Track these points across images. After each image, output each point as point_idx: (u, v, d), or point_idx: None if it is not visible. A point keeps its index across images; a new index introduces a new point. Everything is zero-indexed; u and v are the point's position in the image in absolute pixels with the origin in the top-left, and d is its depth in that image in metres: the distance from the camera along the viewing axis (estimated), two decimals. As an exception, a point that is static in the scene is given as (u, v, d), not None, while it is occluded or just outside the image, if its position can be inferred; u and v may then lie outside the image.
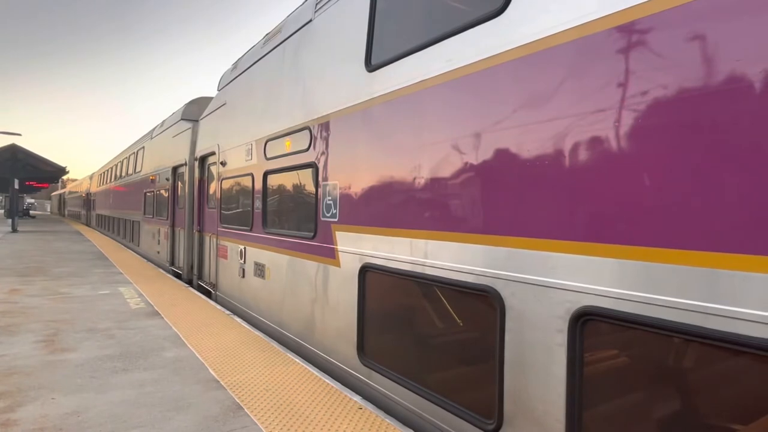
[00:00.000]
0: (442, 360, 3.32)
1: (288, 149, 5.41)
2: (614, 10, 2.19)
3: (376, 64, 3.94)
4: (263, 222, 6.05)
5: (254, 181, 6.31)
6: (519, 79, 2.66)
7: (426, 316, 3.51)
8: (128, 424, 3.34)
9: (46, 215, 58.25)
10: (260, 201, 6.13)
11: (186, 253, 9.71)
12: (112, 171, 21.09)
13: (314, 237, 4.77)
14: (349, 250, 4.22)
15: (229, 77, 7.71)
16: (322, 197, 4.63)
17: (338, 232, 4.38)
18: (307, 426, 3.35)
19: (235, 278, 7.09)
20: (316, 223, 4.73)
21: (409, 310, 3.68)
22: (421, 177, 3.36)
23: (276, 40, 6.02)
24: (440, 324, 3.37)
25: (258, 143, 6.22)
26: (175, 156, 10.63)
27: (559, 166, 2.42)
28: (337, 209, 4.39)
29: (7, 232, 22.84)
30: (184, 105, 10.89)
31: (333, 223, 4.45)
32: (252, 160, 6.42)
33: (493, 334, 2.76)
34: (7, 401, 3.64)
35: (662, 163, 2.01)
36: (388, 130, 3.75)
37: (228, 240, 7.42)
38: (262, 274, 6.13)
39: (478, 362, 3.01)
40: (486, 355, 2.86)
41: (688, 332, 1.90)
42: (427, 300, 3.46)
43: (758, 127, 1.74)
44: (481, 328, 2.99)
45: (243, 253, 6.73)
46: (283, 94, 5.66)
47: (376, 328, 3.97)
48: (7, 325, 5.87)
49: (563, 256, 2.38)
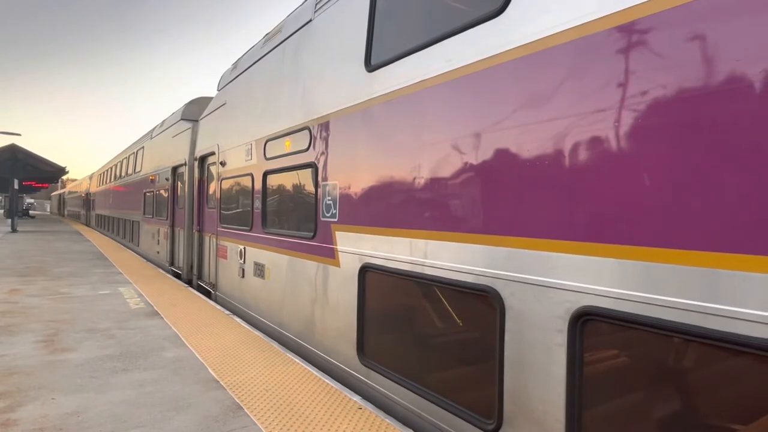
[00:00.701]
0: (442, 360, 3.32)
1: (288, 149, 5.40)
2: (614, 10, 2.20)
3: (375, 64, 3.93)
4: (263, 222, 6.04)
5: (254, 181, 6.30)
6: (519, 79, 2.66)
7: (426, 316, 3.50)
8: (128, 424, 3.34)
9: (46, 215, 58.24)
10: (260, 201, 6.12)
11: (186, 253, 9.71)
12: (112, 171, 21.07)
13: (314, 237, 4.76)
14: (348, 250, 4.21)
15: (229, 77, 7.70)
16: (322, 197, 4.62)
17: (338, 232, 4.37)
18: (306, 426, 3.35)
19: (235, 278, 7.07)
20: (316, 223, 4.72)
21: (409, 310, 3.67)
22: (421, 177, 3.36)
23: (276, 40, 6.01)
24: (440, 324, 3.37)
25: (258, 143, 6.21)
26: (174, 156, 10.62)
27: (558, 166, 2.42)
28: (336, 209, 4.38)
29: (6, 232, 22.83)
30: (183, 105, 10.89)
31: (333, 223, 4.44)
32: (252, 160, 6.41)
33: (493, 334, 2.76)
34: (7, 401, 3.64)
35: (662, 163, 2.01)
36: (388, 130, 3.74)
37: (228, 240, 7.41)
38: (261, 274, 6.11)
39: (478, 362, 3.00)
40: (486, 355, 2.86)
41: (688, 332, 1.90)
42: (426, 300, 3.45)
43: (758, 127, 1.74)
44: (480, 327, 2.99)
45: (243, 253, 6.72)
46: (283, 94, 5.65)
47: (375, 328, 3.96)
48: (7, 325, 5.87)
49: (563, 256, 2.38)
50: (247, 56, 7.06)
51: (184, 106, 10.73)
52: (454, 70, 3.10)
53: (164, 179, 11.54)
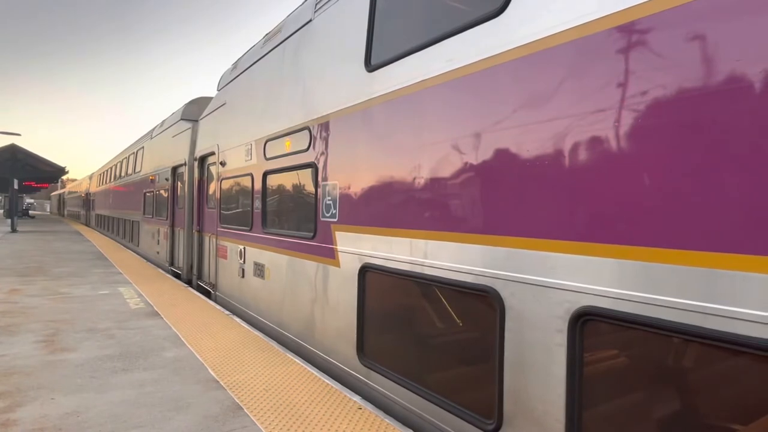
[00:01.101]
0: (442, 360, 3.32)
1: (288, 149, 5.40)
2: (614, 11, 2.20)
3: (375, 64, 3.93)
4: (263, 222, 6.04)
5: (254, 181, 6.30)
6: (519, 79, 2.66)
7: (425, 316, 3.50)
8: (128, 424, 3.34)
9: (46, 215, 58.23)
10: (260, 201, 6.12)
11: (185, 253, 9.70)
12: (112, 171, 21.03)
13: (314, 237, 4.76)
14: (348, 250, 4.21)
15: (229, 77, 7.69)
16: (322, 197, 4.62)
17: (338, 232, 4.37)
18: (306, 426, 3.35)
19: (235, 278, 7.07)
20: (316, 223, 4.72)
21: (409, 310, 3.67)
22: (421, 177, 3.36)
23: (276, 40, 6.00)
24: (440, 324, 3.37)
25: (258, 143, 6.21)
26: (174, 156, 10.62)
27: (558, 166, 2.42)
28: (336, 209, 4.38)
29: (6, 232, 22.83)
30: (183, 105, 10.88)
31: (333, 223, 4.44)
32: (252, 160, 6.41)
33: (493, 334, 2.76)
34: (6, 401, 3.64)
35: (661, 163, 2.01)
36: (388, 130, 3.74)
37: (227, 240, 7.41)
38: (261, 274, 6.11)
39: (477, 362, 3.00)
40: (486, 355, 2.86)
41: (687, 332, 1.90)
42: (426, 300, 3.45)
43: (757, 127, 1.74)
44: (480, 328, 2.99)
45: (242, 253, 6.72)
46: (283, 94, 5.65)
47: (375, 328, 3.95)
48: (7, 325, 5.87)
49: (562, 256, 2.38)
50: (247, 56, 7.06)
51: (184, 106, 10.72)
52: (454, 70, 3.10)
53: (164, 179, 11.54)
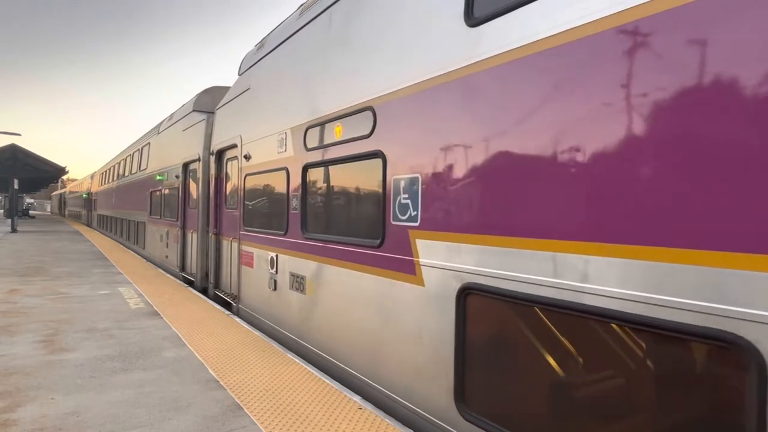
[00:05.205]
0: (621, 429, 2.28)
1: (338, 137, 4.51)
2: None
3: (481, 15, 2.98)
4: (302, 225, 5.11)
5: (290, 176, 5.40)
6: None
7: (587, 368, 2.44)
8: (128, 424, 3.33)
9: (46, 215, 58.28)
10: (298, 200, 5.19)
11: (200, 258, 8.83)
12: (115, 169, 19.99)
13: (381, 245, 3.81)
14: (437, 264, 3.25)
15: (254, 58, 6.65)
16: (393, 195, 3.69)
17: (419, 240, 3.41)
18: (306, 426, 3.34)
19: (264, 291, 6.09)
20: (384, 227, 3.77)
21: (558, 355, 2.55)
22: (567, 161, 2.41)
23: (319, 6, 5.03)
24: (615, 381, 2.31)
25: (295, 131, 5.32)
26: (186, 151, 9.72)
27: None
28: (417, 210, 3.43)
29: (6, 232, 22.83)
30: (196, 95, 9.80)
31: (411, 228, 3.48)
32: (286, 152, 5.50)
33: (741, 410, 1.84)
34: (6, 401, 3.64)
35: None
36: (505, 103, 2.82)
37: (253, 245, 6.44)
38: (301, 287, 5.15)
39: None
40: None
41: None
42: (587, 343, 2.44)
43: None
44: (714, 397, 1.98)
45: (274, 262, 5.76)
46: (331, 69, 4.71)
47: (487, 371, 2.93)
48: (7, 325, 5.87)
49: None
50: (278, 31, 6.06)
51: (197, 96, 9.67)
52: (621, 12, 2.20)
53: (174, 176, 10.61)
